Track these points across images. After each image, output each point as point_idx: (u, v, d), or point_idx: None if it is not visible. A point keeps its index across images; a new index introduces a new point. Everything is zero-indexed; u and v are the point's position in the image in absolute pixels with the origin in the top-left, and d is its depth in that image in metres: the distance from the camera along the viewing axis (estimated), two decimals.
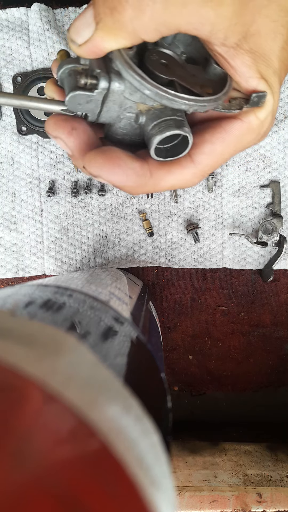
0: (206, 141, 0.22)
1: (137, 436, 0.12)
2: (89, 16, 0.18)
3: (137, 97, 0.20)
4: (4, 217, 0.39)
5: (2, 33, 0.37)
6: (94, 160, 0.20)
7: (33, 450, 0.09)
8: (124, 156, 0.20)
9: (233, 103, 0.22)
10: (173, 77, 0.20)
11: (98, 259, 0.40)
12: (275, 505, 0.33)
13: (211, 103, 0.20)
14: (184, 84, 0.20)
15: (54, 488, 0.09)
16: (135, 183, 0.21)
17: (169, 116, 0.20)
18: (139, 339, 0.20)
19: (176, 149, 0.22)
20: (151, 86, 0.18)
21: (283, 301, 0.40)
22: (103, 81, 0.19)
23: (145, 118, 0.21)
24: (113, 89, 0.19)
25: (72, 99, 0.19)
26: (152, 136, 0.20)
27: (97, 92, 0.19)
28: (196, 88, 0.20)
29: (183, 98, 0.19)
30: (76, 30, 0.18)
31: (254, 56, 0.20)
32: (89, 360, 0.14)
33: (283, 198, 0.38)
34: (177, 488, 0.34)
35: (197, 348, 0.41)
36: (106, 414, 0.11)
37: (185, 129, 0.20)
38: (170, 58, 0.21)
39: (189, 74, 0.21)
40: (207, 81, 0.21)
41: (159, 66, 0.20)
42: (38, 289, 0.20)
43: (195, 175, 0.22)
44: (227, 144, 0.22)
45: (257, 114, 0.22)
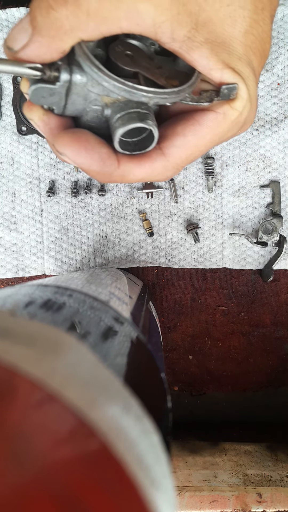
0: (178, 134, 0.21)
1: (137, 436, 0.12)
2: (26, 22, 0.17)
3: (100, 89, 0.19)
4: (4, 217, 0.39)
5: (2, 33, 0.37)
6: (62, 139, 0.20)
7: (33, 450, 0.09)
8: (93, 140, 0.20)
9: (204, 95, 0.21)
10: (137, 69, 0.19)
11: (98, 259, 0.40)
12: (275, 505, 0.33)
13: (173, 95, 0.19)
14: (148, 76, 0.19)
15: (54, 488, 0.09)
16: (100, 168, 0.20)
17: (133, 108, 0.20)
18: (139, 339, 0.20)
19: (144, 142, 0.21)
20: (109, 78, 0.18)
21: (283, 301, 0.40)
22: (64, 73, 0.18)
23: (110, 111, 0.20)
24: (75, 81, 0.19)
25: (35, 92, 0.19)
26: (115, 129, 0.20)
27: (59, 85, 0.19)
28: (161, 80, 0.20)
29: (141, 90, 0.18)
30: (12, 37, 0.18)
31: (211, 46, 0.19)
32: (89, 360, 0.14)
33: (283, 198, 0.38)
34: (177, 488, 0.34)
35: (197, 348, 0.41)
36: (106, 414, 0.11)
37: (148, 122, 0.20)
38: (136, 49, 0.20)
39: (155, 65, 0.20)
40: (175, 73, 0.21)
41: (123, 57, 0.20)
42: (38, 289, 0.20)
43: (166, 168, 0.22)
44: (201, 136, 0.21)
45: (232, 105, 0.21)
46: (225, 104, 0.21)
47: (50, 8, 0.16)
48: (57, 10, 0.16)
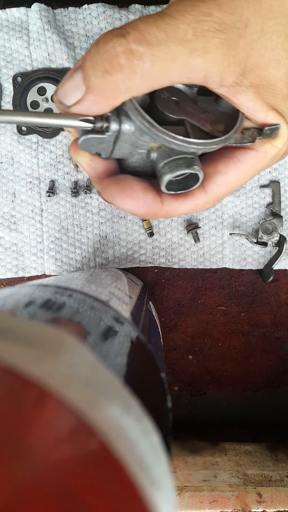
0: (219, 172, 0.22)
1: (137, 436, 0.12)
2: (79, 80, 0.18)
3: (147, 138, 0.20)
4: (4, 217, 0.39)
5: (2, 33, 0.37)
6: (108, 189, 0.21)
7: (33, 450, 0.09)
8: (138, 187, 0.21)
9: (246, 134, 0.21)
10: (183, 116, 0.20)
11: (98, 259, 0.40)
12: (275, 505, 0.33)
13: (221, 143, 0.20)
14: (194, 122, 0.20)
15: (54, 488, 0.09)
16: (146, 212, 0.22)
17: (179, 155, 0.20)
18: (139, 339, 0.20)
19: (187, 181, 0.22)
20: (159, 133, 0.18)
21: (283, 301, 0.40)
22: (113, 123, 0.19)
23: (156, 155, 0.21)
24: (124, 131, 0.19)
25: (85, 142, 0.19)
26: (162, 175, 0.20)
27: (108, 135, 0.19)
28: (207, 126, 0.20)
29: (191, 143, 0.19)
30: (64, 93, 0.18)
31: (257, 90, 0.20)
32: (89, 360, 0.14)
33: (283, 198, 0.38)
34: (177, 488, 0.34)
35: (197, 348, 0.41)
36: (106, 414, 0.11)
37: (195, 168, 0.20)
38: (180, 93, 0.21)
39: (200, 110, 0.21)
40: (219, 115, 0.21)
41: (169, 104, 0.20)
42: (38, 289, 0.20)
43: (208, 202, 0.23)
44: (242, 173, 0.22)
45: (274, 143, 0.22)
46: (266, 142, 0.22)
47: (106, 72, 0.17)
48: (113, 75, 0.17)
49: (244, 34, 0.18)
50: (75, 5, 0.37)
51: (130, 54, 0.17)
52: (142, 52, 0.17)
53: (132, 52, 0.17)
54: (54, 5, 0.37)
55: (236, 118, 0.21)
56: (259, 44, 0.19)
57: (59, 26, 0.37)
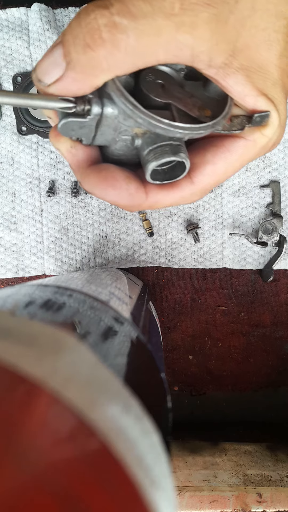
0: (207, 162, 0.21)
1: (137, 436, 0.12)
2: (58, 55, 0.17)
3: (132, 123, 0.19)
4: (4, 217, 0.39)
5: (2, 33, 0.37)
6: (88, 178, 0.20)
7: (33, 450, 0.09)
8: (120, 177, 0.20)
9: (235, 122, 0.20)
10: (170, 99, 0.19)
11: (98, 259, 0.40)
12: (275, 505, 0.33)
13: (208, 129, 0.19)
14: (181, 107, 0.19)
15: (54, 488, 0.09)
16: (129, 203, 0.20)
17: (165, 141, 0.19)
18: (139, 339, 0.20)
19: (174, 170, 0.21)
20: (144, 116, 0.17)
21: (283, 301, 0.40)
22: (95, 106, 0.18)
23: (141, 142, 0.20)
24: (106, 114, 0.18)
25: (65, 126, 0.18)
26: (147, 162, 0.19)
27: (89, 118, 0.18)
28: (194, 111, 0.19)
29: (177, 127, 0.18)
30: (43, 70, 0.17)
31: (247, 73, 0.19)
32: (89, 360, 0.14)
33: (283, 198, 0.38)
34: (177, 488, 0.34)
35: (197, 348, 0.41)
36: (106, 414, 0.11)
37: (181, 155, 0.19)
38: (167, 76, 0.20)
39: (187, 94, 0.20)
40: (207, 100, 0.20)
41: (155, 87, 0.19)
42: (38, 289, 0.20)
43: (195, 194, 0.22)
44: (230, 163, 0.21)
45: (263, 131, 0.21)
46: (256, 131, 0.21)
47: (87, 46, 0.16)
48: (95, 50, 0.16)
49: (234, 10, 0.17)
50: (75, 5, 0.37)
51: (113, 27, 0.16)
52: (126, 25, 0.16)
53: (115, 25, 0.16)
54: (54, 5, 0.37)
55: (225, 104, 0.20)
56: (249, 23, 0.18)
57: (59, 26, 0.37)
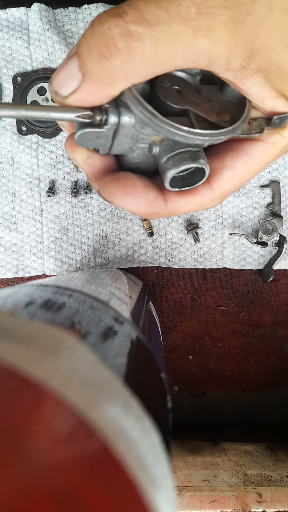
0: (226, 167, 0.21)
1: (137, 436, 0.12)
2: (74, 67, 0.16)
3: (149, 131, 0.18)
4: (4, 217, 0.39)
5: (2, 33, 0.37)
6: (108, 187, 0.20)
7: (33, 450, 0.09)
8: (139, 185, 0.20)
9: (253, 125, 0.20)
10: (187, 105, 0.19)
11: (98, 259, 0.40)
12: (275, 505, 0.33)
13: (228, 134, 0.18)
14: (199, 112, 0.19)
15: (54, 488, 0.09)
16: (149, 211, 0.20)
17: (184, 148, 0.19)
18: (139, 339, 0.20)
19: (192, 176, 0.21)
20: (162, 124, 0.17)
21: (283, 301, 0.40)
22: (112, 116, 0.18)
23: (159, 149, 0.19)
24: (124, 123, 0.18)
25: (82, 137, 0.18)
26: (166, 170, 0.19)
27: (106, 128, 0.18)
28: (212, 116, 0.19)
29: (197, 134, 0.18)
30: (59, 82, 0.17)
31: (265, 74, 0.18)
32: (89, 360, 0.14)
33: (283, 198, 0.38)
34: (177, 488, 0.34)
35: (197, 348, 0.41)
36: (106, 414, 0.11)
37: (200, 161, 0.19)
38: (183, 82, 0.19)
39: (204, 99, 0.19)
40: (224, 105, 0.20)
41: (172, 94, 0.19)
42: (38, 289, 0.20)
43: (214, 200, 0.21)
44: (250, 167, 0.21)
45: (283, 133, 0.21)
46: (275, 133, 0.21)
47: (103, 57, 0.16)
48: (110, 60, 0.16)
49: (251, 10, 0.17)
50: (75, 5, 0.37)
51: (128, 36, 0.15)
52: (142, 33, 0.15)
53: (130, 33, 0.15)
54: (54, 5, 0.37)
55: (243, 108, 0.19)
56: (267, 23, 0.17)
57: (59, 26, 0.37)
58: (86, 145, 0.19)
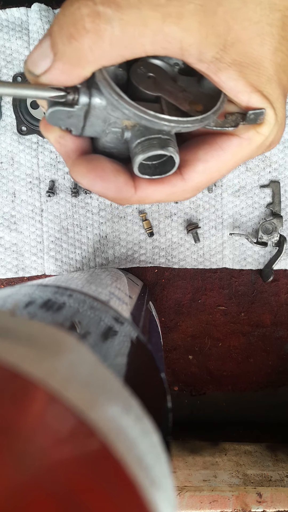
0: (199, 159, 0.21)
1: (137, 436, 0.12)
2: (46, 46, 0.17)
3: (120, 114, 0.19)
4: (4, 217, 0.39)
5: (2, 33, 0.37)
6: (78, 168, 0.20)
7: (33, 450, 0.09)
8: (109, 168, 0.20)
9: (229, 119, 0.20)
10: (159, 92, 0.19)
11: (98, 259, 0.40)
12: (275, 505, 0.33)
13: (196, 123, 0.18)
14: (171, 100, 0.19)
15: (54, 488, 0.09)
16: (117, 195, 0.20)
17: (154, 134, 0.19)
18: (139, 339, 0.20)
19: (164, 166, 0.21)
20: (129, 106, 0.17)
21: (283, 301, 0.40)
22: (83, 96, 0.18)
23: (130, 134, 0.20)
24: (94, 104, 0.18)
25: (52, 115, 0.18)
26: (135, 155, 0.19)
27: (77, 108, 0.18)
28: (184, 105, 0.19)
29: (163, 119, 0.18)
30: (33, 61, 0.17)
31: (239, 68, 0.18)
32: (89, 360, 0.14)
33: (283, 198, 0.38)
34: (177, 488, 0.34)
35: (197, 348, 0.41)
36: (106, 414, 0.11)
37: (169, 149, 0.19)
38: (159, 70, 0.19)
39: (179, 88, 0.19)
40: (200, 96, 0.20)
41: (145, 80, 0.19)
42: (38, 289, 0.20)
43: (186, 191, 0.21)
44: (223, 161, 0.21)
45: (259, 130, 0.20)
46: (250, 129, 0.20)
47: (72, 37, 0.16)
48: (79, 40, 0.16)
49: (222, 1, 0.17)
50: None
51: (97, 17, 0.15)
52: (110, 15, 0.15)
53: (98, 14, 0.15)
54: (54, 5, 0.37)
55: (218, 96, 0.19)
56: (241, 16, 0.17)
57: None
58: (57, 124, 0.19)
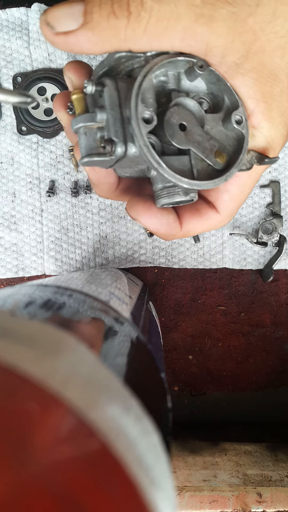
0: (222, 191, 0.22)
1: (137, 436, 0.12)
2: (78, 10, 0.17)
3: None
4: (4, 217, 0.39)
5: (2, 33, 0.37)
6: (135, 206, 0.22)
7: (33, 450, 0.09)
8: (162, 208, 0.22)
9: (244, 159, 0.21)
10: (190, 146, 0.20)
11: (98, 259, 0.40)
12: (275, 505, 0.33)
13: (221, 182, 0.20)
14: (199, 153, 0.20)
15: (54, 488, 0.09)
16: (167, 232, 0.23)
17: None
18: (139, 339, 0.20)
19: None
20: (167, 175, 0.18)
21: (283, 301, 0.40)
22: (119, 148, 0.19)
23: (156, 174, 0.21)
24: (128, 155, 0.19)
25: (88, 162, 0.19)
26: (159, 197, 0.21)
27: (111, 158, 0.19)
28: (210, 158, 0.20)
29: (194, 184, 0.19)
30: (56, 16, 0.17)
31: (256, 76, 0.19)
32: (89, 360, 0.14)
33: (283, 198, 0.38)
34: (177, 488, 0.34)
35: (197, 348, 0.41)
36: (106, 414, 0.11)
37: (191, 195, 0.21)
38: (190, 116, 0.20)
39: (206, 137, 0.20)
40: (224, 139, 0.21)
41: (177, 132, 0.20)
42: (38, 289, 0.20)
43: (223, 220, 0.23)
44: (242, 184, 0.22)
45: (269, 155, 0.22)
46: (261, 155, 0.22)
47: (112, 13, 0.17)
48: (119, 18, 0.17)
49: (254, 13, 0.18)
50: None
51: (139, 4, 0.17)
52: (151, 6, 0.17)
53: (142, 2, 0.17)
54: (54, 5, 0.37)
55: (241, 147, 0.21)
56: (269, 28, 0.18)
57: None
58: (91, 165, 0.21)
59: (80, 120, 0.19)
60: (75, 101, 0.19)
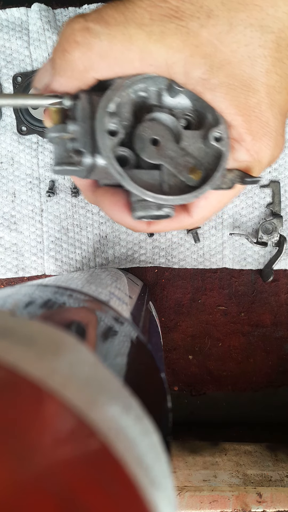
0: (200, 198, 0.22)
1: (137, 436, 0.12)
2: (48, 64, 0.19)
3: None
4: (4, 217, 0.39)
5: (2, 33, 0.37)
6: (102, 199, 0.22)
7: (33, 450, 0.09)
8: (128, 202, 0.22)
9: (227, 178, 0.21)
10: (161, 161, 0.20)
11: (98, 259, 0.40)
12: (275, 505, 0.33)
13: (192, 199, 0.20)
14: (171, 168, 0.20)
15: (54, 488, 0.09)
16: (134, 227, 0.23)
17: None
18: (139, 339, 0.20)
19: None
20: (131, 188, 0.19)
21: (283, 301, 0.40)
22: (87, 159, 0.19)
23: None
24: (97, 166, 0.20)
25: (59, 171, 0.20)
26: (134, 210, 0.21)
27: (81, 168, 0.20)
28: (183, 174, 0.20)
29: (162, 199, 0.19)
30: (38, 78, 0.20)
31: (227, 90, 0.18)
32: (89, 360, 0.14)
33: (283, 198, 0.38)
34: (177, 488, 0.34)
35: (197, 348, 0.41)
36: (106, 414, 0.11)
37: (165, 210, 0.21)
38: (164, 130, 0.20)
39: (181, 153, 0.20)
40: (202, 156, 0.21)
41: (148, 147, 0.20)
42: (38, 289, 0.20)
43: (193, 224, 0.23)
44: (221, 194, 0.22)
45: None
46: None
47: (65, 51, 0.18)
48: (70, 53, 0.17)
49: (206, 24, 0.17)
50: (75, 5, 0.37)
51: (86, 32, 0.17)
52: (99, 30, 0.17)
53: (88, 29, 0.17)
54: (54, 5, 0.37)
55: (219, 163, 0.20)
56: (229, 39, 0.17)
57: (59, 26, 0.37)
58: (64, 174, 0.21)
59: (53, 130, 0.20)
60: (52, 113, 0.20)
